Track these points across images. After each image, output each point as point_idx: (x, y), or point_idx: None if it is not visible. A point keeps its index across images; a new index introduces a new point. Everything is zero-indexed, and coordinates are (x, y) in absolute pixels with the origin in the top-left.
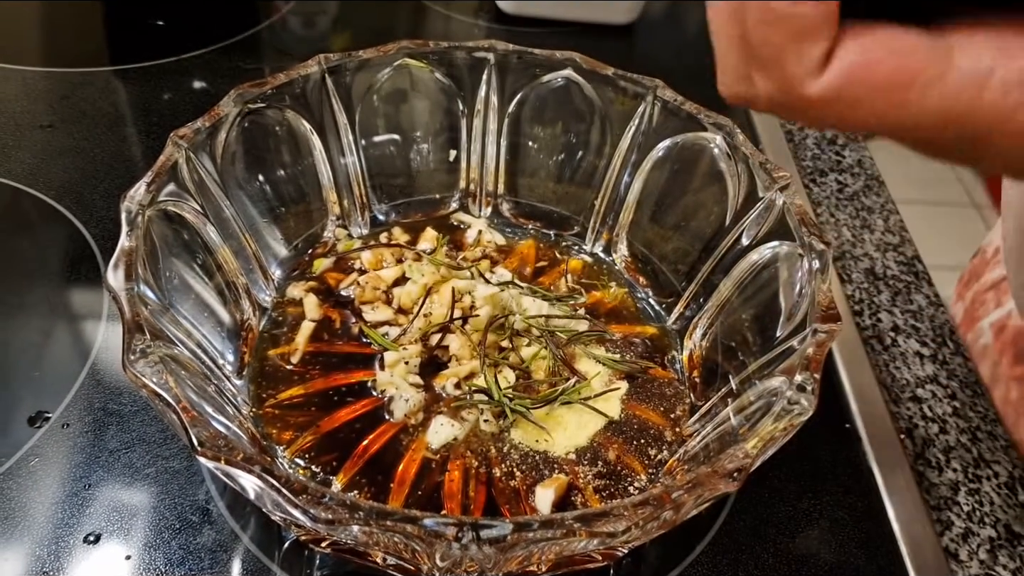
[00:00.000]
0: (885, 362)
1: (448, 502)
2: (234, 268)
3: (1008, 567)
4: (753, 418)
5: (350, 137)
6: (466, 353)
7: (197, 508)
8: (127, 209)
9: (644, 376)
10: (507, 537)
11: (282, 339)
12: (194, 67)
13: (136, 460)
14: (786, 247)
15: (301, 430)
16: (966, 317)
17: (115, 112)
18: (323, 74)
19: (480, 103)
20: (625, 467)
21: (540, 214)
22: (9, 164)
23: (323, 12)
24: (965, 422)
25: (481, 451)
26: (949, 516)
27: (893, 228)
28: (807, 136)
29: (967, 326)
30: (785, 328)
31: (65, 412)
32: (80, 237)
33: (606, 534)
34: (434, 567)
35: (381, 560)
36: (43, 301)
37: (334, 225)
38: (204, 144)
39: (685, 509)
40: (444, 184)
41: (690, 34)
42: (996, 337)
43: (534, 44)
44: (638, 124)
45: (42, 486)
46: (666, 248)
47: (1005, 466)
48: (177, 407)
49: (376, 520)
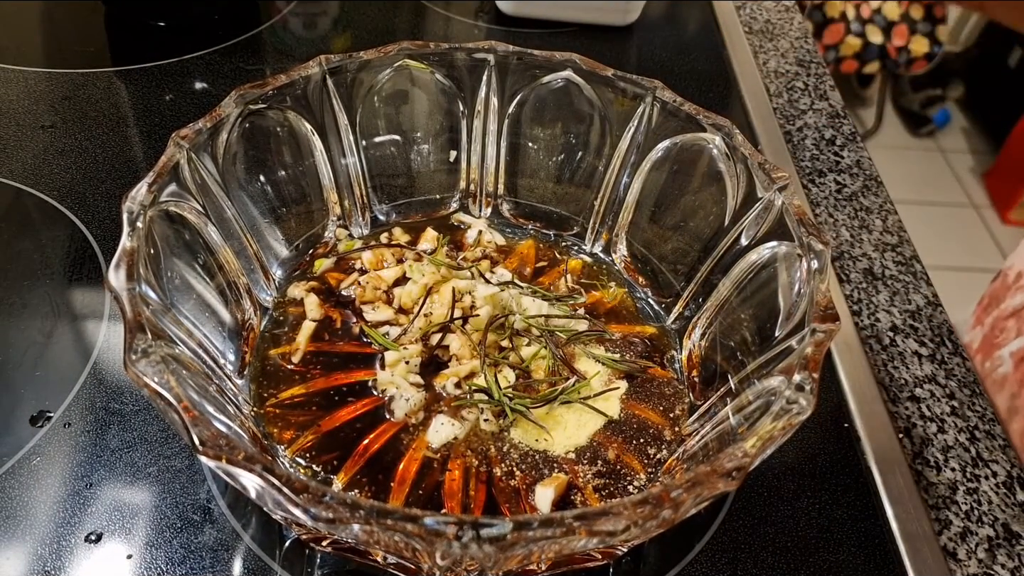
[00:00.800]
0: (883, 362)
1: (448, 501)
2: (235, 268)
3: (1006, 566)
4: (752, 417)
5: (351, 138)
6: (466, 353)
7: (198, 507)
8: (129, 209)
9: (643, 376)
10: (507, 536)
11: (283, 339)
12: (195, 68)
13: (137, 459)
14: (785, 247)
15: (302, 429)
16: (984, 343)
17: (117, 113)
18: (324, 75)
19: (480, 104)
20: (624, 466)
21: (540, 214)
22: (11, 164)
23: (324, 13)
24: (963, 421)
25: (481, 450)
26: (947, 515)
27: (891, 228)
28: (806, 137)
29: (985, 352)
30: (784, 328)
31: (67, 411)
32: (82, 237)
33: (606, 533)
34: (434, 566)
35: (382, 559)
36: (45, 301)
37: (335, 225)
38: (205, 145)
39: (684, 508)
40: (444, 184)
41: (690, 35)
42: (1017, 367)
43: (534, 45)
44: (637, 125)
45: (44, 485)
46: (665, 248)
47: (1003, 465)
48: (178, 406)
49: (377, 519)
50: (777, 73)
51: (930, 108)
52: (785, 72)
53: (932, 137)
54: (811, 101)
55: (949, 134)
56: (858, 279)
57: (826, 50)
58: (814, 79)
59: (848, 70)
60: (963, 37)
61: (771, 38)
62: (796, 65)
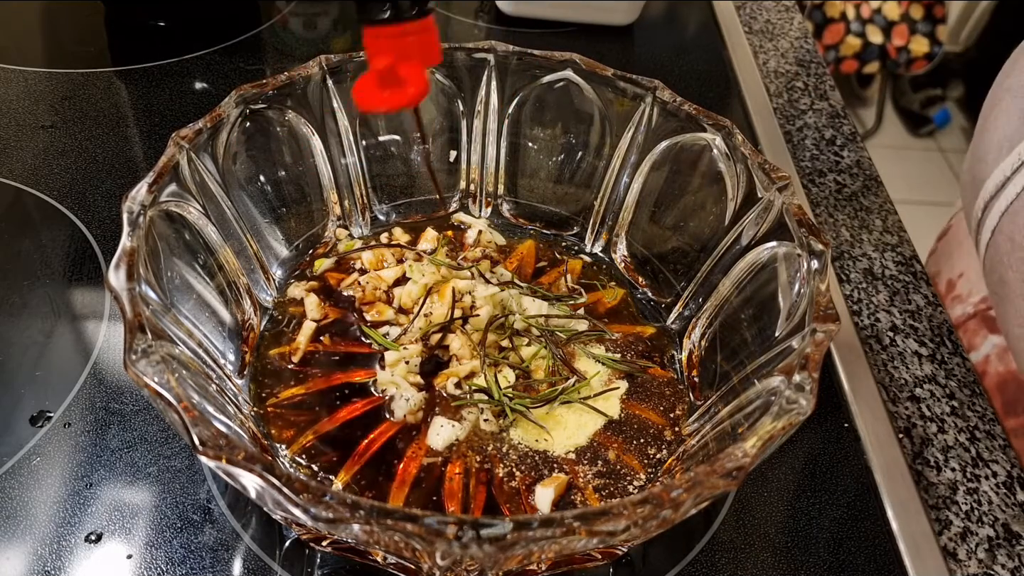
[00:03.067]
0: (883, 362)
1: (448, 501)
2: (235, 268)
3: (1006, 566)
4: (752, 417)
5: (351, 138)
6: (466, 353)
7: (198, 507)
8: (129, 209)
9: (643, 376)
10: (507, 536)
11: (283, 339)
12: (196, 68)
13: (138, 459)
14: (785, 247)
15: (302, 429)
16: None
17: (117, 113)
18: (324, 75)
19: (480, 104)
20: (624, 466)
21: (540, 214)
22: (11, 164)
23: (324, 13)
24: (963, 421)
25: (481, 450)
26: (947, 515)
27: (891, 228)
28: (805, 137)
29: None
30: (784, 328)
31: (67, 411)
32: (82, 237)
33: (606, 533)
34: (434, 566)
35: (382, 559)
36: (45, 301)
37: (335, 225)
38: (206, 145)
39: (684, 508)
40: (444, 185)
41: (690, 35)
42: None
43: (534, 45)
44: (637, 125)
45: (44, 485)
46: (665, 248)
47: (1003, 465)
48: (178, 406)
49: (377, 519)
50: (777, 73)
51: (930, 108)
52: (785, 72)
53: (932, 137)
54: (811, 101)
55: (949, 134)
56: (858, 279)
57: (826, 50)
58: (814, 79)
59: (848, 70)
60: (963, 37)
61: (771, 38)
62: (796, 65)
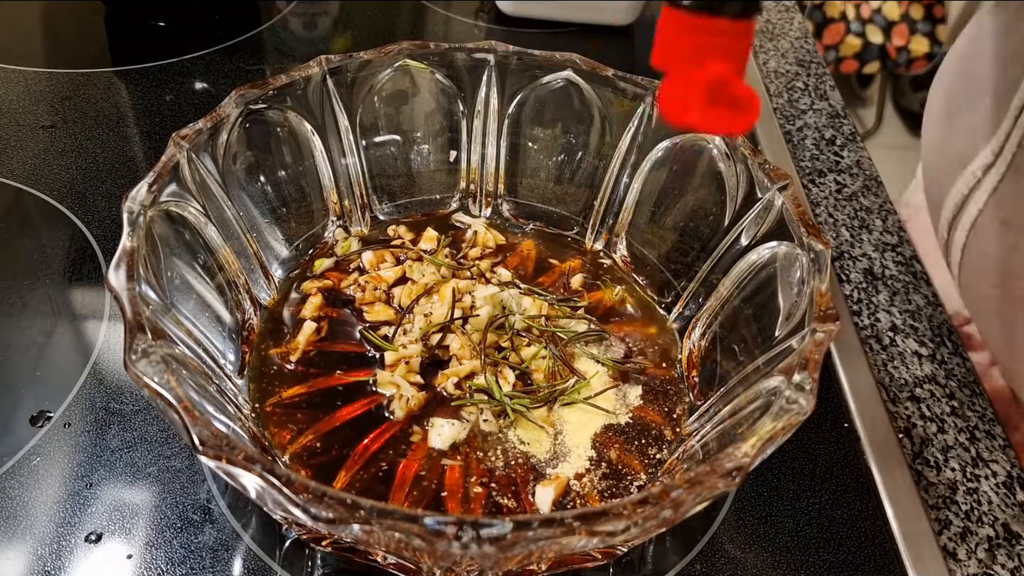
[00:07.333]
0: (883, 362)
1: (448, 501)
2: (235, 268)
3: (1007, 566)
4: (752, 417)
5: (351, 138)
6: (466, 353)
7: (198, 507)
8: (129, 209)
9: (643, 376)
10: (507, 536)
11: (283, 339)
12: (196, 68)
13: (138, 459)
14: (785, 247)
15: (302, 429)
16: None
17: (117, 113)
18: (324, 75)
19: (480, 104)
20: (625, 466)
21: (540, 214)
22: (11, 164)
23: (324, 13)
24: (963, 421)
25: (481, 450)
26: (947, 515)
27: (891, 228)
28: (805, 137)
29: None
30: (784, 328)
31: (67, 411)
32: (82, 237)
33: (606, 533)
34: (434, 566)
35: (382, 559)
36: (45, 301)
37: (335, 225)
38: (206, 145)
39: (684, 508)
40: (444, 185)
41: None
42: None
43: (534, 45)
44: (637, 125)
45: (44, 485)
46: (665, 248)
47: (1003, 465)
48: (178, 406)
49: (377, 519)
50: (777, 73)
51: None
52: (785, 72)
53: None
54: (811, 101)
55: None
56: (858, 279)
57: (826, 50)
58: (814, 79)
59: (848, 70)
60: None
61: (771, 38)
62: (796, 65)
